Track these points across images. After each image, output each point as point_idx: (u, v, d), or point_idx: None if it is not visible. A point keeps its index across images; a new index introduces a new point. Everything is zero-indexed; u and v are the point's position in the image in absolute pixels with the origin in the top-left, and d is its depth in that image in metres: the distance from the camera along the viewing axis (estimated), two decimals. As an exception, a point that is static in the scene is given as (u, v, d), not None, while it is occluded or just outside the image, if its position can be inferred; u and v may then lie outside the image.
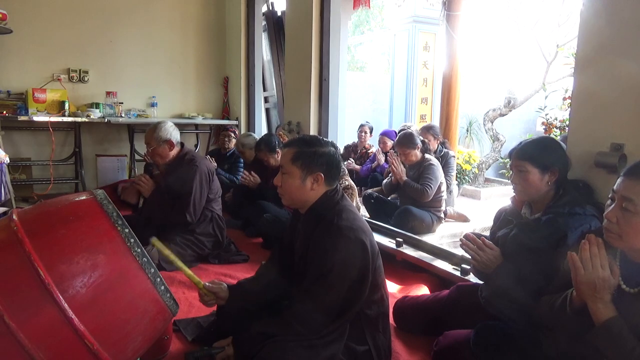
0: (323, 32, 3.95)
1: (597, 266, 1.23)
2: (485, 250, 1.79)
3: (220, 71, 5.87)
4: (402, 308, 2.19)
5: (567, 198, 1.70)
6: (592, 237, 1.27)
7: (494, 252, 1.78)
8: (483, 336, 1.69)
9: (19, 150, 4.78)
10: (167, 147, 2.93)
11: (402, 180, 3.66)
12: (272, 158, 3.71)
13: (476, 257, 1.79)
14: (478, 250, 1.80)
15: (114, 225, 1.31)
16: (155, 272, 1.32)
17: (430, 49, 7.86)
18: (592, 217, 1.63)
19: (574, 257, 1.26)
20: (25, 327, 1.13)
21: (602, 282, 1.22)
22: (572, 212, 1.65)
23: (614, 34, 1.82)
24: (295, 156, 1.65)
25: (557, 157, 1.75)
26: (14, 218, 1.28)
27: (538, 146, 1.77)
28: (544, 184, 1.73)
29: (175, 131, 2.99)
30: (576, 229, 1.59)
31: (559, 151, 1.77)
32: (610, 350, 1.20)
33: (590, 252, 1.25)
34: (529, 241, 1.69)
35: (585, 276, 1.24)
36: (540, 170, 1.72)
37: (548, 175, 1.72)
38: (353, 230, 1.58)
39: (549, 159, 1.73)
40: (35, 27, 4.70)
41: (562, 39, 5.83)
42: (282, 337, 1.56)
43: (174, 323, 2.08)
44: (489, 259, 1.77)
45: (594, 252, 1.25)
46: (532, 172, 1.73)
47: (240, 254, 3.14)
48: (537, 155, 1.73)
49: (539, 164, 1.72)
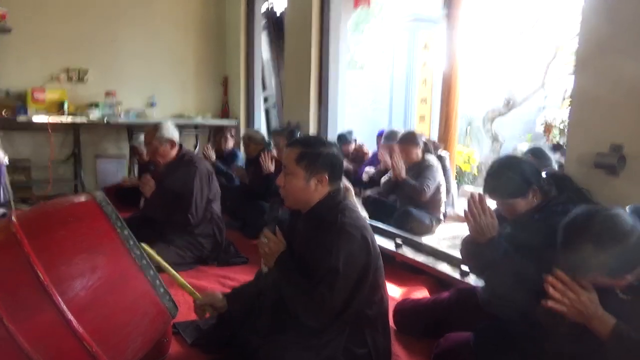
0: (323, 31, 3.94)
1: (572, 298, 1.23)
2: (487, 215, 1.69)
3: (219, 71, 5.86)
4: (402, 310, 2.19)
5: (562, 197, 1.70)
6: (551, 279, 1.26)
7: (493, 221, 1.70)
8: (483, 337, 1.69)
9: (18, 151, 4.76)
10: (169, 147, 2.95)
11: (402, 177, 3.63)
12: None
13: (477, 217, 1.69)
14: (481, 212, 1.69)
15: (114, 227, 1.30)
16: (154, 274, 1.32)
17: (430, 48, 7.86)
18: None
19: (550, 305, 1.25)
20: (24, 328, 1.12)
21: (586, 306, 1.23)
22: (566, 211, 1.63)
23: (613, 33, 1.81)
24: (300, 156, 1.64)
25: (526, 177, 1.70)
26: (13, 219, 1.27)
27: (503, 181, 1.72)
28: (532, 203, 1.71)
29: (176, 131, 3.01)
30: None
31: (523, 171, 1.72)
32: (630, 354, 1.21)
33: (559, 290, 1.24)
34: (523, 239, 1.68)
35: (570, 310, 1.24)
36: (521, 198, 1.70)
37: (531, 196, 1.70)
38: (357, 227, 1.59)
39: (521, 186, 1.70)
40: (34, 26, 4.68)
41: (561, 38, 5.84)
42: (281, 338, 1.56)
43: (174, 325, 2.07)
44: (487, 225, 1.68)
45: (562, 289, 1.24)
46: (517, 202, 1.71)
47: (240, 257, 3.13)
48: (509, 189, 1.71)
49: (516, 194, 1.70)
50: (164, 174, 3.03)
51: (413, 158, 3.66)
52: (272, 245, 1.67)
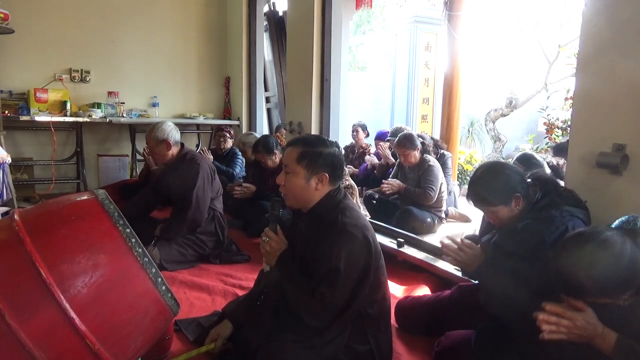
0: (324, 32, 3.95)
1: (568, 326, 1.23)
2: (465, 250, 1.75)
3: (221, 71, 5.87)
4: (404, 308, 2.19)
5: (545, 201, 1.68)
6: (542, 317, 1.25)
7: (474, 250, 1.75)
8: (484, 337, 1.69)
9: (20, 150, 4.79)
10: (164, 147, 2.94)
11: (402, 189, 3.67)
12: (270, 159, 3.71)
13: (457, 257, 1.76)
14: (458, 252, 1.76)
15: (115, 225, 1.31)
16: (156, 272, 1.32)
17: (431, 49, 7.85)
18: (571, 218, 1.61)
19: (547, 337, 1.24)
20: (26, 326, 1.13)
21: (584, 328, 1.23)
22: (549, 217, 1.63)
23: (615, 34, 1.81)
24: (301, 156, 1.64)
25: (509, 185, 1.69)
26: (16, 218, 1.28)
27: (486, 187, 1.72)
28: (515, 212, 1.71)
29: (174, 131, 2.99)
30: (553, 232, 1.58)
31: (507, 178, 1.71)
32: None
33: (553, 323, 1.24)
34: (509, 247, 1.67)
35: (569, 336, 1.24)
36: (503, 205, 1.70)
37: (513, 203, 1.69)
38: (358, 227, 1.58)
39: (503, 193, 1.69)
40: (37, 27, 4.70)
41: (563, 39, 5.83)
42: (281, 337, 1.56)
43: (175, 323, 2.08)
44: (470, 258, 1.73)
45: (555, 321, 1.24)
46: (499, 210, 1.71)
47: (241, 254, 3.14)
48: (492, 197, 1.70)
49: (498, 202, 1.70)
50: (164, 172, 3.05)
51: (411, 161, 3.68)
52: (274, 244, 1.67)
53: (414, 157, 3.66)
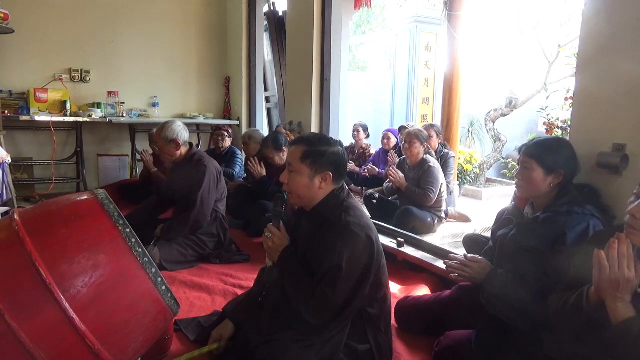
0: (324, 32, 3.95)
1: (623, 266, 1.20)
2: (470, 264, 1.81)
3: (221, 71, 5.87)
4: (404, 308, 2.19)
5: (567, 198, 1.70)
6: (622, 237, 1.23)
7: (480, 263, 1.81)
8: (484, 337, 1.69)
9: (20, 150, 4.79)
10: (174, 147, 2.95)
11: (404, 187, 3.67)
12: (278, 156, 3.71)
13: (464, 274, 1.82)
14: (464, 268, 1.82)
15: (115, 225, 1.31)
16: (156, 272, 1.32)
17: (431, 49, 7.86)
18: (591, 217, 1.63)
19: (601, 256, 1.22)
20: (26, 326, 1.13)
21: (626, 283, 1.19)
22: (571, 211, 1.64)
23: (615, 34, 1.81)
24: (305, 154, 1.64)
25: (566, 160, 1.72)
26: (16, 217, 1.28)
27: (548, 146, 1.74)
28: (546, 185, 1.72)
29: (184, 131, 2.99)
30: (574, 227, 1.59)
31: (569, 155, 1.74)
32: (626, 350, 1.18)
33: (618, 252, 1.21)
34: (528, 241, 1.69)
35: (610, 275, 1.20)
36: (545, 170, 1.71)
37: (552, 177, 1.71)
38: (361, 226, 1.59)
39: (556, 160, 1.71)
40: (37, 27, 4.71)
41: (563, 39, 5.82)
42: (281, 336, 1.56)
43: (175, 323, 2.08)
44: (476, 271, 1.79)
45: (623, 252, 1.21)
46: (537, 171, 1.72)
47: (241, 254, 3.14)
48: (545, 156, 1.72)
49: (545, 164, 1.71)
50: (172, 171, 3.06)
51: (413, 152, 3.68)
52: (276, 240, 1.68)
53: (418, 149, 3.66)
